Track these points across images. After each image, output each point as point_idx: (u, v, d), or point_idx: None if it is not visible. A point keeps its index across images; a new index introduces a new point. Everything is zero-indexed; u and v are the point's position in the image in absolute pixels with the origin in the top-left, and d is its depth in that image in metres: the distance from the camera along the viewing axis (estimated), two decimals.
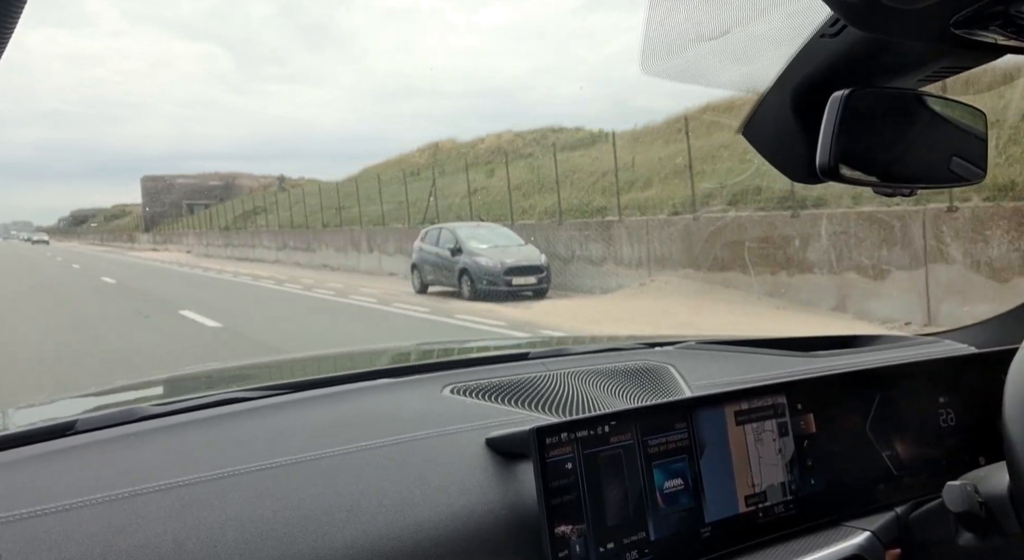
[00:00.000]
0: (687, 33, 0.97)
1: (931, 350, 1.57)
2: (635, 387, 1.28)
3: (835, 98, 0.95)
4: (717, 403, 1.05)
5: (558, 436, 0.90)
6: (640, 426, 0.97)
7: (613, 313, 11.45)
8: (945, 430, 1.26)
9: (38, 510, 0.79)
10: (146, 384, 1.55)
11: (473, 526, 0.91)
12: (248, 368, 1.85)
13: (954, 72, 1.01)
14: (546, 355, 1.43)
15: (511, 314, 11.26)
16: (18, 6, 0.45)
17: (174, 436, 0.99)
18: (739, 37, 0.97)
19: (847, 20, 0.85)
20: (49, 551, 0.74)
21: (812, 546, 1.06)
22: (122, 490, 0.83)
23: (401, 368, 1.35)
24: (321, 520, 0.85)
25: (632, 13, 0.97)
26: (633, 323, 10.37)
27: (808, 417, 1.13)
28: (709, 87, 1.08)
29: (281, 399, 1.12)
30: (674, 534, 0.97)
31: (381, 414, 1.09)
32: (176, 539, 0.78)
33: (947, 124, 1.06)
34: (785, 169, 1.12)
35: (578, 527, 0.89)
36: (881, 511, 1.15)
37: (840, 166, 0.96)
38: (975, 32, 0.81)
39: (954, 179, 1.07)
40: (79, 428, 0.99)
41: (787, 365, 1.43)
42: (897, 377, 1.25)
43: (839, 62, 0.99)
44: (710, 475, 1.01)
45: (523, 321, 10.27)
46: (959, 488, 1.03)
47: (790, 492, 1.09)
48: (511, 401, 1.17)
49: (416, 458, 0.96)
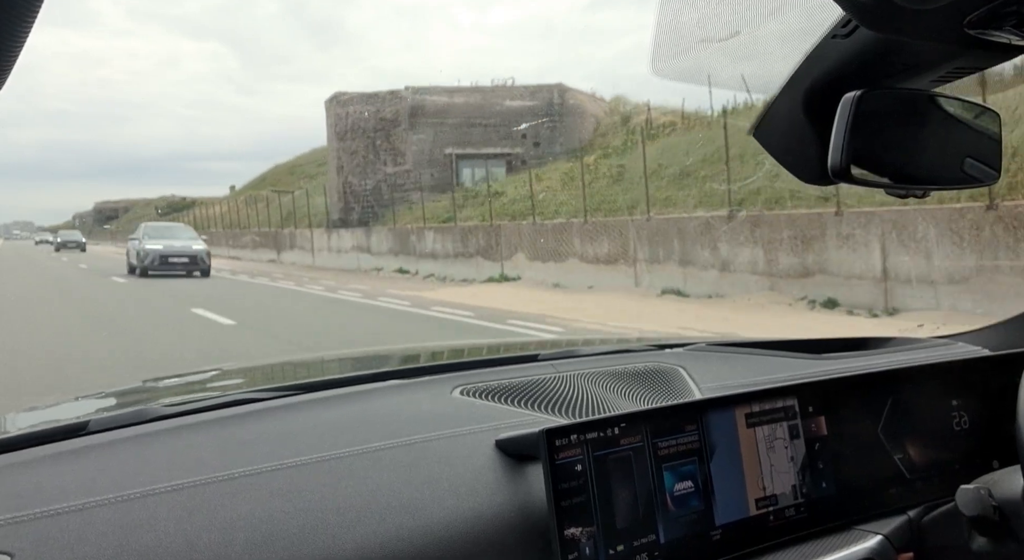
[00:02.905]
0: (697, 33, 0.96)
1: (944, 352, 1.56)
2: (645, 389, 1.28)
3: (847, 99, 0.94)
4: (727, 405, 1.05)
5: (568, 438, 0.90)
6: (650, 428, 0.97)
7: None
8: (958, 433, 1.25)
9: (50, 510, 0.79)
10: (157, 385, 1.55)
11: (482, 527, 0.91)
12: (258, 369, 1.86)
13: (967, 73, 1.00)
14: (556, 357, 1.43)
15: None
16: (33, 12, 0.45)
17: (185, 437, 1.00)
18: (750, 38, 0.96)
19: (859, 21, 0.84)
20: (61, 551, 0.75)
21: (823, 549, 1.05)
22: (134, 490, 0.84)
23: (411, 369, 1.35)
24: (331, 521, 0.85)
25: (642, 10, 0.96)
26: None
27: (819, 420, 1.12)
28: (719, 88, 1.08)
29: (291, 400, 1.13)
30: (684, 537, 0.96)
31: (391, 415, 1.09)
32: (188, 539, 0.79)
33: (960, 125, 1.05)
34: (796, 170, 1.11)
35: (588, 529, 0.89)
36: (893, 515, 1.14)
37: (852, 167, 0.95)
38: (989, 32, 0.81)
39: (967, 180, 1.06)
40: (91, 429, 1.00)
41: (798, 367, 1.42)
42: (910, 380, 1.24)
43: (851, 63, 0.98)
44: (720, 478, 1.01)
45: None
46: (972, 492, 1.03)
47: (801, 495, 1.08)
48: (521, 403, 1.17)
49: (426, 459, 0.97)
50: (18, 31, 0.46)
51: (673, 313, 11.61)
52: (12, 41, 0.46)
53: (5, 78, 0.49)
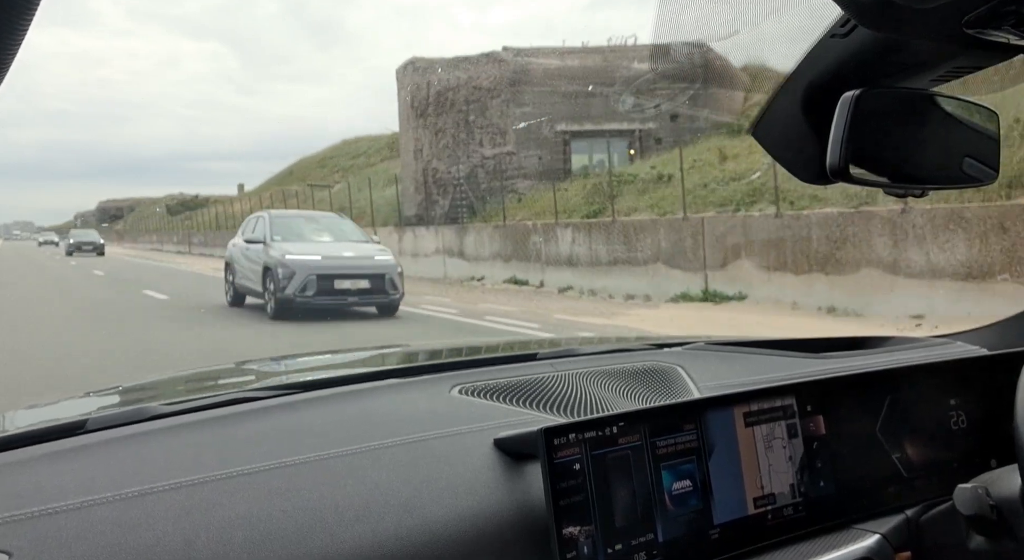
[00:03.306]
0: (697, 33, 0.96)
1: (942, 352, 1.56)
2: (643, 388, 1.28)
3: (846, 98, 0.95)
4: (726, 404, 1.05)
5: (566, 437, 0.90)
6: (648, 427, 0.97)
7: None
8: (956, 432, 1.25)
9: (48, 509, 0.79)
10: (155, 383, 1.55)
11: (481, 526, 0.91)
12: (257, 367, 1.86)
13: (966, 72, 1.01)
14: (554, 355, 1.43)
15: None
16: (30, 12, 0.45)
17: (183, 435, 1.00)
18: (749, 37, 0.96)
19: (858, 20, 0.84)
20: (59, 549, 0.75)
21: (821, 548, 1.06)
22: (132, 489, 0.84)
23: (409, 368, 1.35)
24: (329, 520, 0.85)
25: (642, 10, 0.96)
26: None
27: (818, 419, 1.12)
28: (719, 86, 1.08)
29: (290, 399, 1.13)
30: (682, 536, 0.96)
31: (389, 414, 1.09)
32: (186, 538, 0.79)
33: (959, 124, 1.05)
34: (795, 169, 1.11)
35: (586, 528, 0.89)
36: (891, 514, 1.14)
37: (850, 167, 0.95)
38: (987, 32, 0.81)
39: (966, 180, 1.06)
40: (89, 427, 1.00)
41: (797, 366, 1.42)
42: (908, 379, 1.24)
43: (850, 62, 0.98)
44: (719, 477, 1.01)
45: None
46: (970, 491, 1.03)
47: (799, 494, 1.08)
48: (519, 402, 1.17)
49: (424, 458, 0.97)
50: (16, 28, 0.46)
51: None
52: (11, 39, 0.46)
53: (3, 75, 0.49)
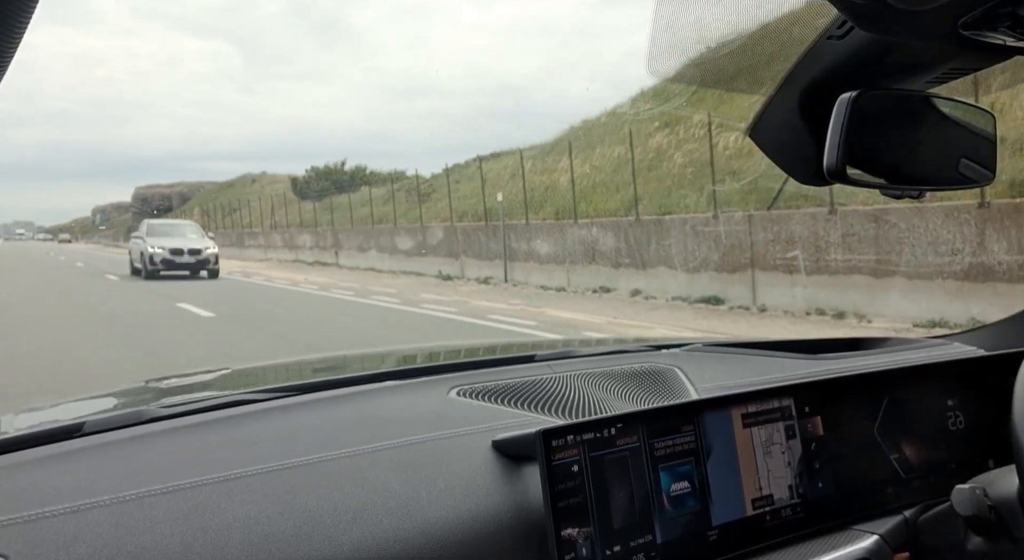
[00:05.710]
0: (694, 34, 0.96)
1: (940, 352, 1.56)
2: (641, 389, 1.28)
3: (842, 100, 0.95)
4: (724, 406, 1.05)
5: (564, 439, 0.90)
6: (646, 429, 0.97)
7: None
8: (954, 433, 1.25)
9: (46, 511, 0.79)
10: (153, 386, 1.55)
11: (479, 528, 0.91)
12: (255, 370, 1.85)
13: (962, 74, 1.01)
14: (552, 357, 1.43)
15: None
16: (29, 10, 0.45)
17: (181, 438, 1.00)
18: (746, 38, 0.96)
19: (854, 22, 0.84)
20: (57, 552, 0.74)
21: (820, 549, 1.06)
22: (130, 492, 0.83)
23: (408, 370, 1.35)
24: (327, 522, 0.85)
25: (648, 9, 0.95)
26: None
27: (816, 420, 1.12)
28: (715, 89, 1.08)
29: (288, 401, 1.13)
30: (681, 537, 0.96)
31: (388, 416, 1.09)
32: (184, 540, 0.79)
33: (955, 126, 1.06)
34: (792, 171, 1.12)
35: (584, 530, 0.89)
36: (889, 514, 1.14)
37: (847, 168, 0.95)
38: (983, 33, 0.81)
39: (962, 181, 1.07)
40: (87, 430, 1.00)
41: (794, 368, 1.42)
42: (906, 380, 1.24)
43: (846, 64, 0.98)
44: (717, 478, 1.01)
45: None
46: (968, 491, 1.03)
47: (797, 495, 1.08)
48: (517, 403, 1.17)
49: (422, 460, 0.97)
50: (14, 28, 0.46)
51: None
52: (10, 37, 0.46)
53: (2, 74, 0.49)
